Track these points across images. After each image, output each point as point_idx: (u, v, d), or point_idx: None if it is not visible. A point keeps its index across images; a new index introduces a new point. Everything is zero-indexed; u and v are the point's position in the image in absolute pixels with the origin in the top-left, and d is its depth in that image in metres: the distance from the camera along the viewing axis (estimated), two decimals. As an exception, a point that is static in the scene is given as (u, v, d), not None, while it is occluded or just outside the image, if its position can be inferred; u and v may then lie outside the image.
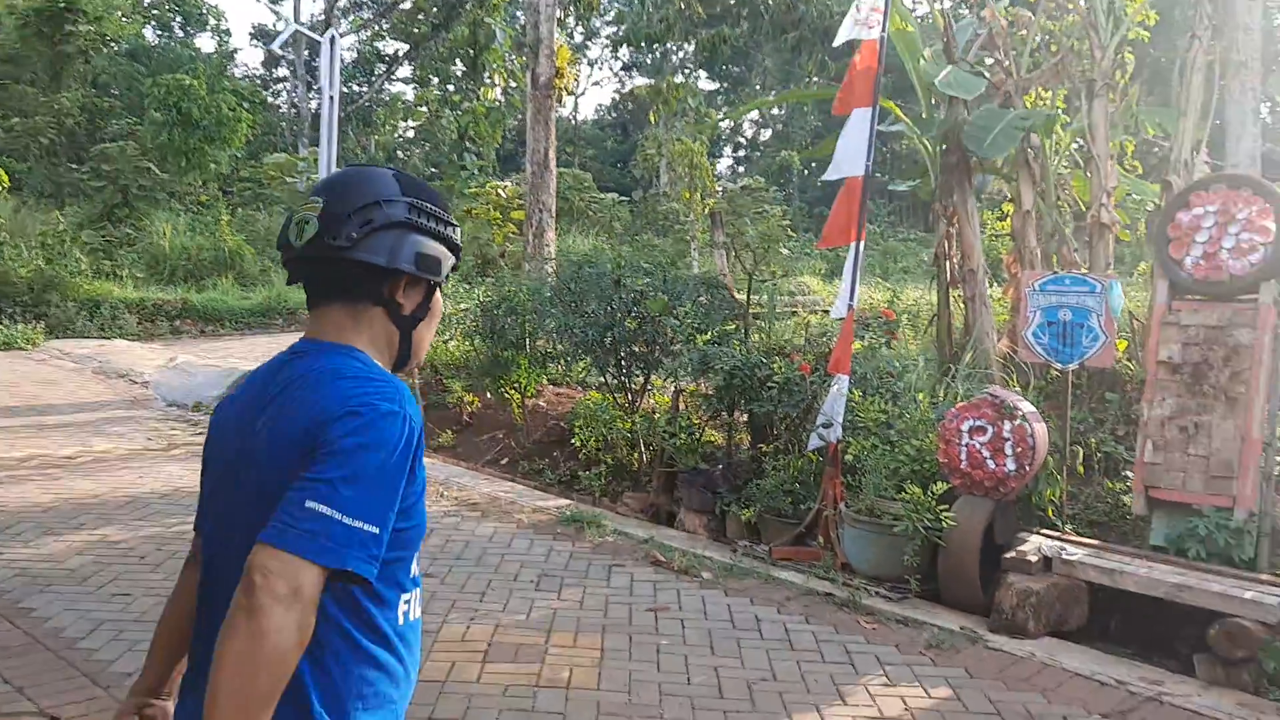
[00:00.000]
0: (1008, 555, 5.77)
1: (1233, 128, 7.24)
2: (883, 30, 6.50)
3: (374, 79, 41.59)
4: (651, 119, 17.66)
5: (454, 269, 1.86)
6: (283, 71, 45.17)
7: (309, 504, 1.52)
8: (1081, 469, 6.70)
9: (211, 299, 18.77)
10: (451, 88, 34.88)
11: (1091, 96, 7.88)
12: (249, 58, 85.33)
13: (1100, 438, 6.96)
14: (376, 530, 1.56)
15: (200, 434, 10.03)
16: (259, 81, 43.27)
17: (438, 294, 1.86)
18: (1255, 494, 5.59)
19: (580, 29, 44.80)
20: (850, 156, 6.48)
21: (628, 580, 6.24)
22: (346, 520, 1.52)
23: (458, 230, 1.84)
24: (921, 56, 8.30)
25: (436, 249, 1.79)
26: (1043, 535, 5.99)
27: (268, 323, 18.77)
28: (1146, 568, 5.50)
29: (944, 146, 7.97)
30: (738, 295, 7.91)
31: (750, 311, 7.93)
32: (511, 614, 5.60)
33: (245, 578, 1.48)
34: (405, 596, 1.74)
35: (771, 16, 19.91)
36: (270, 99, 42.60)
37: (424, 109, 31.25)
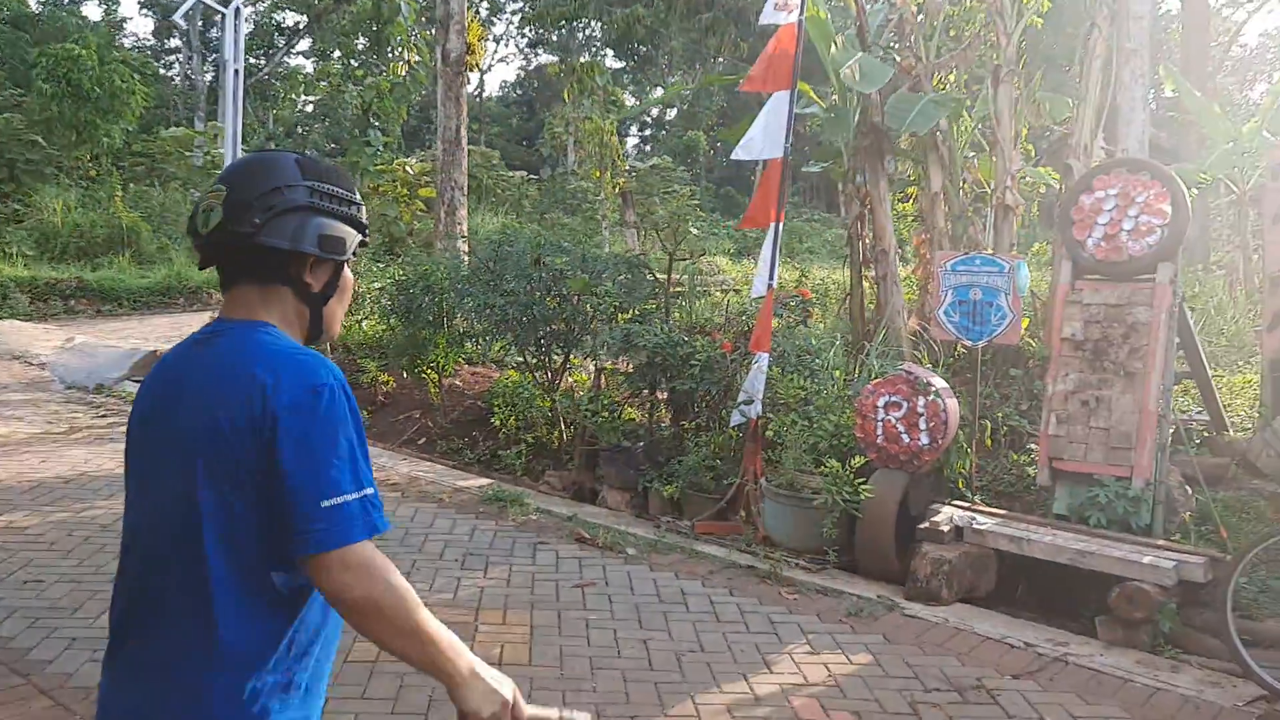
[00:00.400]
0: (922, 526, 5.99)
1: (1123, 113, 7.58)
2: (800, 14, 6.61)
3: (273, 52, 40.48)
4: (565, 97, 17.54)
5: (363, 245, 1.93)
6: (175, 42, 43.62)
7: (323, 504, 1.65)
8: (990, 442, 6.96)
9: (107, 278, 18.08)
10: (355, 62, 34.22)
11: (997, 82, 8.15)
12: (138, 27, 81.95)
13: (1005, 412, 7.24)
14: (371, 489, 1.71)
15: (103, 417, 9.74)
16: (149, 53, 41.66)
17: (346, 271, 1.93)
18: (1151, 464, 5.89)
19: (486, 4, 44.25)
20: (769, 139, 6.59)
21: (553, 557, 6.29)
22: (355, 496, 1.67)
23: (362, 209, 1.91)
24: (834, 42, 8.46)
25: (340, 229, 1.86)
26: (954, 506, 6.23)
27: (168, 302, 18.18)
28: (1051, 535, 5.77)
29: (858, 129, 8.15)
30: (658, 275, 7.97)
31: (670, 291, 8.02)
32: (438, 593, 5.61)
33: (328, 597, 1.68)
34: None
35: (684, -2, 20.03)
36: (162, 70, 41.12)
37: (325, 84, 30.52)
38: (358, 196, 1.90)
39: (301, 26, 38.63)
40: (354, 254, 1.91)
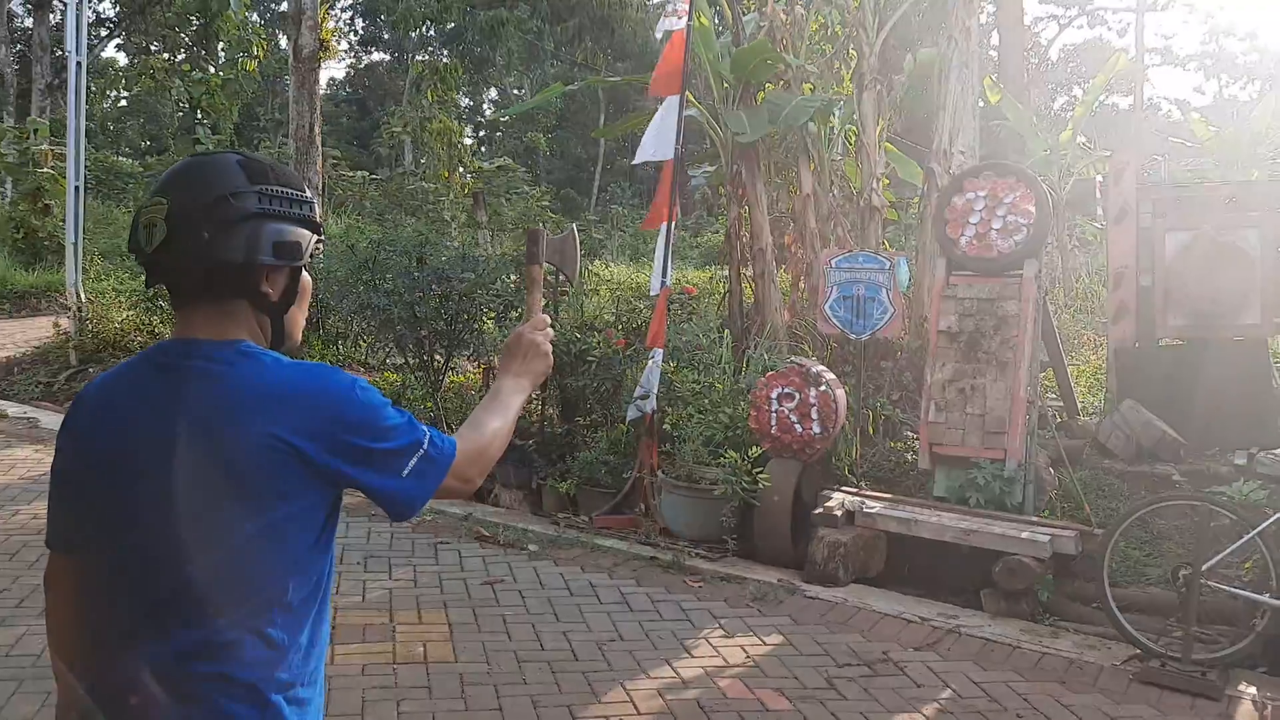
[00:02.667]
0: (816, 511, 6.25)
1: (956, 121, 8.14)
2: (689, 20, 6.80)
3: (92, 44, 38.17)
4: (430, 96, 17.23)
5: (318, 244, 1.83)
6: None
7: (405, 472, 1.71)
8: (871, 430, 7.32)
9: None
10: (182, 55, 32.66)
11: (861, 88, 8.56)
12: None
13: (880, 402, 7.62)
14: (422, 428, 1.77)
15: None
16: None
17: (304, 274, 1.84)
18: (1023, 447, 6.33)
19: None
20: (661, 142, 6.75)
21: (456, 557, 6.27)
22: (422, 450, 1.73)
23: (314, 206, 1.81)
24: (714, 48, 8.71)
25: (295, 233, 1.75)
26: (844, 492, 6.52)
27: (-11, 308, 16.81)
28: (937, 516, 6.12)
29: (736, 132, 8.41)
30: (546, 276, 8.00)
31: (559, 289, 8.07)
32: (346, 596, 5.52)
33: (456, 488, 1.81)
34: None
35: (549, 2, 20.02)
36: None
37: (150, 78, 29.03)
38: (308, 194, 1.77)
39: (122, 19, 36.58)
40: (310, 256, 1.80)
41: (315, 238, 1.80)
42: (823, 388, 6.40)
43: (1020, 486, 6.28)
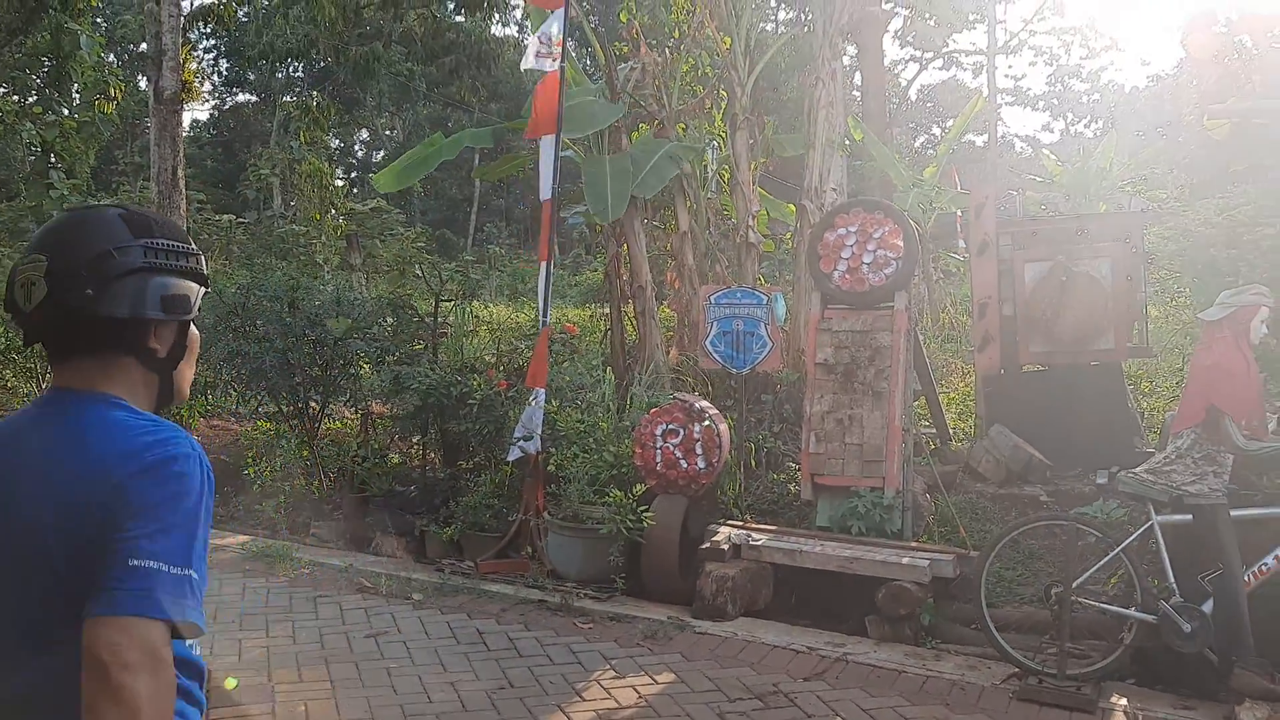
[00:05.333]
0: (703, 546, 6.27)
1: (826, 159, 8.40)
2: (563, 62, 6.84)
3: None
4: (303, 137, 16.83)
5: (205, 296, 1.80)
6: None
7: (132, 562, 1.46)
8: (754, 463, 7.40)
9: None
10: (34, 97, 31.17)
11: (735, 128, 8.74)
12: None
13: (762, 435, 7.72)
14: (197, 576, 1.52)
15: None
16: None
17: (192, 328, 1.78)
18: (899, 474, 6.49)
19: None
20: (541, 182, 6.75)
21: (336, 610, 6.07)
22: (174, 570, 1.48)
23: (201, 259, 1.77)
24: (589, 90, 8.78)
25: (182, 286, 1.70)
26: (730, 525, 6.57)
27: None
28: (820, 546, 6.22)
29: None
30: (424, 316, 7.89)
31: (438, 330, 7.96)
32: (221, 657, 5.27)
33: (90, 662, 1.40)
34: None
35: (424, 40, 19.88)
36: None
37: (-3, 120, 27.72)
38: (193, 246, 1.73)
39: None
40: (198, 309, 1.75)
41: (202, 290, 1.76)
42: (706, 423, 6.45)
43: (899, 513, 6.42)
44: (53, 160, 26.67)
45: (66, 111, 25.43)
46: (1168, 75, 32.33)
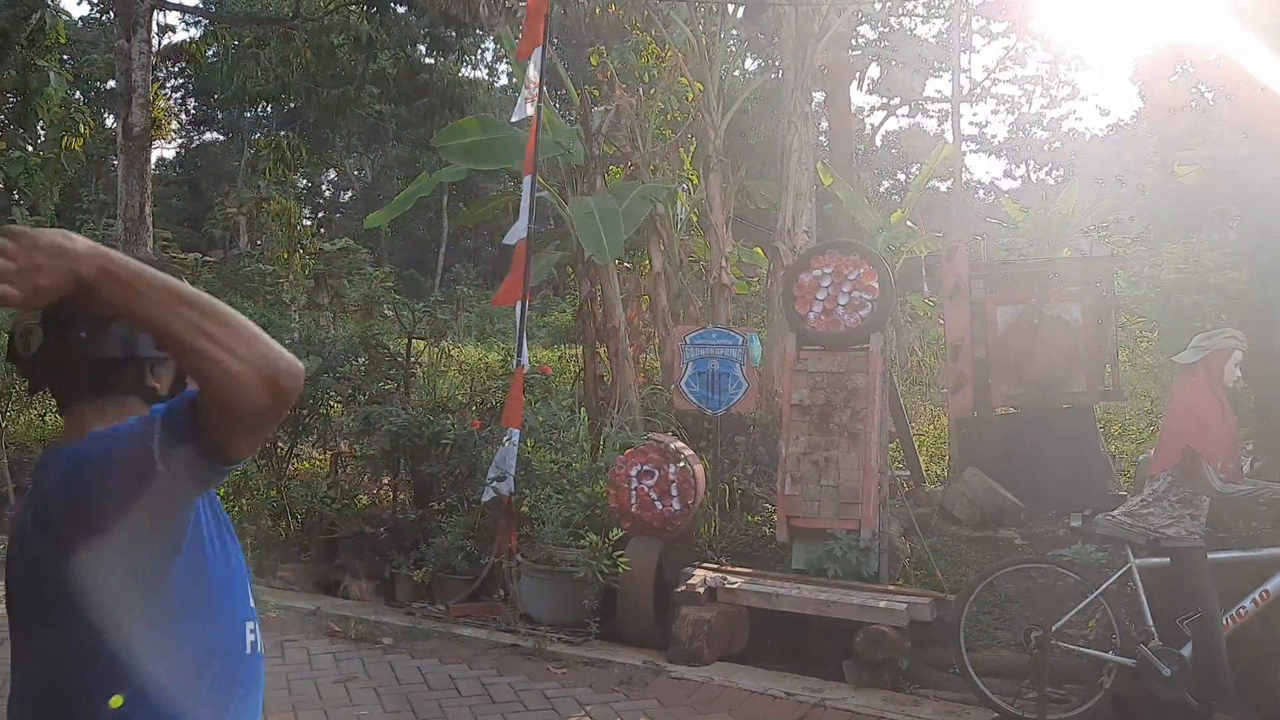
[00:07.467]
0: (679, 589, 6.19)
1: (798, 202, 8.47)
2: (538, 103, 6.84)
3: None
4: (268, 175, 16.72)
5: None
6: None
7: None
8: (728, 505, 7.35)
9: None
10: (-5, 134, 30.84)
11: (708, 171, 8.79)
12: None
13: (736, 476, 7.68)
14: None
15: None
16: None
17: None
18: (875, 517, 6.46)
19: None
20: (517, 221, 6.72)
21: (305, 655, 5.93)
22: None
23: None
24: (561, 131, 8.81)
25: None
26: (705, 568, 6.50)
27: None
28: (796, 589, 6.16)
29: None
30: (396, 357, 7.81)
31: (410, 371, 7.87)
32: (184, 705, 5.11)
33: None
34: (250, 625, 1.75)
35: (397, 82, 19.93)
36: None
37: (-39, 156, 27.45)
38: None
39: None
40: None
41: None
42: (681, 464, 6.40)
43: (875, 556, 6.39)
44: (16, 197, 26.37)
45: (31, 148, 25.21)
46: (1126, 124, 33.03)
